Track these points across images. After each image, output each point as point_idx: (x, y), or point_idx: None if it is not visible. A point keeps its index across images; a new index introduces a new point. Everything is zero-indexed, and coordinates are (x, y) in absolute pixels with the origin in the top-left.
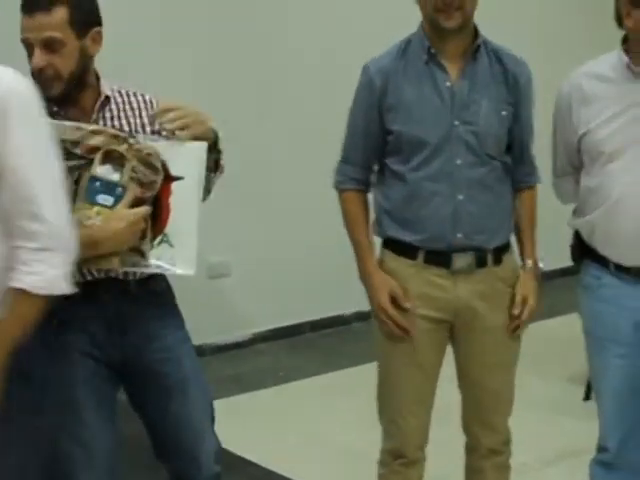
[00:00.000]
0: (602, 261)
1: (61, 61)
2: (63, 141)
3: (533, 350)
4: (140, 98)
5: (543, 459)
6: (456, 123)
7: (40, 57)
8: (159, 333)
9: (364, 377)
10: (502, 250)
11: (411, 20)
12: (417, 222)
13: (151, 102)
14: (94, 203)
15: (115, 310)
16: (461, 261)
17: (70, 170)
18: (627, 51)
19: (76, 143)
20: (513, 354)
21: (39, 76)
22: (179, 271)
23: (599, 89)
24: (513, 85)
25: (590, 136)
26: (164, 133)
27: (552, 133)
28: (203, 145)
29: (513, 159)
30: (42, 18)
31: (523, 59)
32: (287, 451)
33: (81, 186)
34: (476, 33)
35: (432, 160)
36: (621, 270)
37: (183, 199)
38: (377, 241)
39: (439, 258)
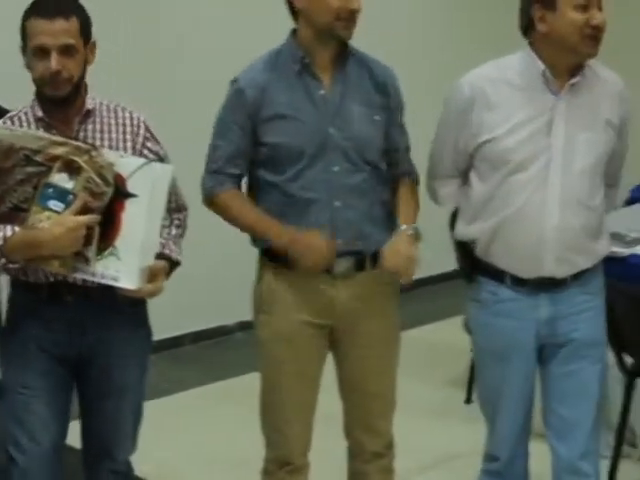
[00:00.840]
0: (498, 276)
1: (74, 66)
2: (23, 148)
3: (414, 355)
4: (127, 115)
5: (425, 463)
6: (331, 131)
7: (57, 61)
8: (115, 340)
9: (247, 387)
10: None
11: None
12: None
13: (138, 119)
14: (46, 208)
15: (76, 312)
16: (341, 265)
17: (29, 176)
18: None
19: (37, 151)
20: (393, 357)
21: (54, 78)
22: (121, 284)
23: (505, 95)
24: (383, 91)
25: (495, 144)
26: (145, 152)
27: (437, 133)
28: (168, 167)
29: (392, 162)
30: (62, 24)
31: (388, 65)
32: (171, 463)
33: (37, 191)
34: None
35: (309, 169)
36: (518, 283)
37: (135, 216)
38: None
39: None
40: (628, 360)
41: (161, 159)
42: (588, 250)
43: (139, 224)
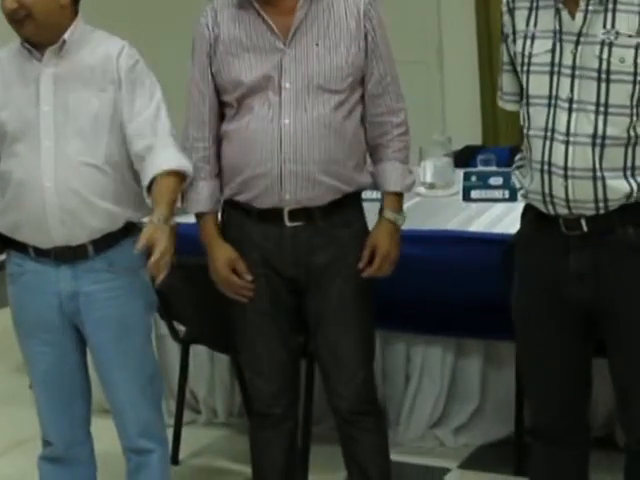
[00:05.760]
0: (23, 248)
1: None
2: None
3: None
4: None
5: None
6: None
7: None
8: None
9: None
10: None
11: None
12: None
13: None
14: None
15: None
16: None
17: None
18: None
19: None
20: None
21: None
22: None
23: (5, 71)
24: None
25: None
26: None
27: None
28: None
29: None
30: None
31: None
32: None
33: None
34: None
35: None
36: (41, 254)
37: None
38: None
39: None
40: (181, 329)
41: None
42: (102, 213)
43: None
